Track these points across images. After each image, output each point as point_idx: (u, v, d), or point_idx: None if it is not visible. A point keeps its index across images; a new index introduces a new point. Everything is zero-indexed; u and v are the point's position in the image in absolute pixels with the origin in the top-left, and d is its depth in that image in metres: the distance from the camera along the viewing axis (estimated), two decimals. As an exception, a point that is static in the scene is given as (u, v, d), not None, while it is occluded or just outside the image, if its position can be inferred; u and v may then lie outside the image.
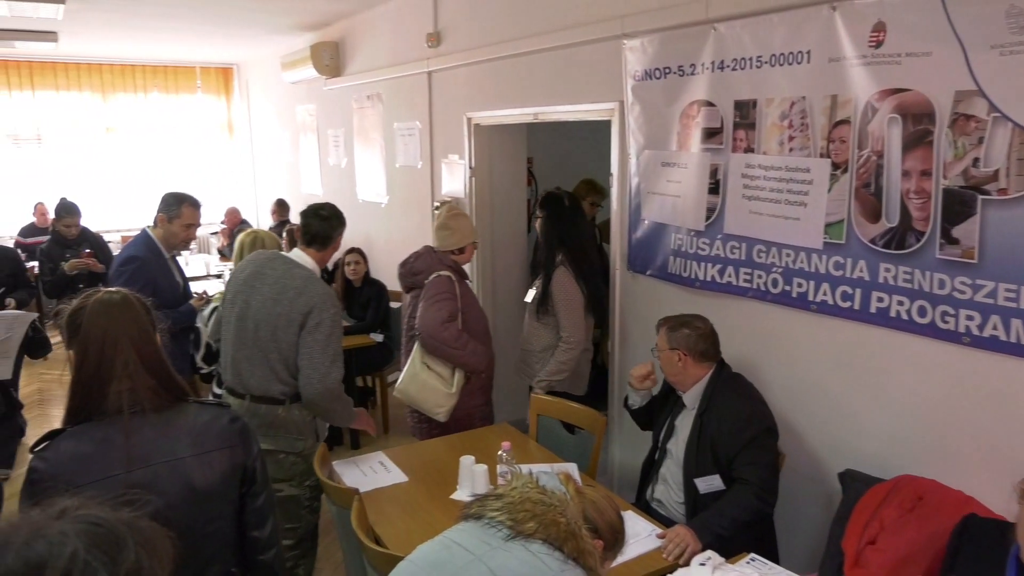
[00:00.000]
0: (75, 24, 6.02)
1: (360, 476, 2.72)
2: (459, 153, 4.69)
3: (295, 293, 2.63)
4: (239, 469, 1.68)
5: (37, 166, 8.64)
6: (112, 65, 8.88)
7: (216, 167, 9.68)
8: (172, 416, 1.62)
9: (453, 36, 4.65)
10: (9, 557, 0.68)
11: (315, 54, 6.30)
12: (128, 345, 1.58)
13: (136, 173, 9.16)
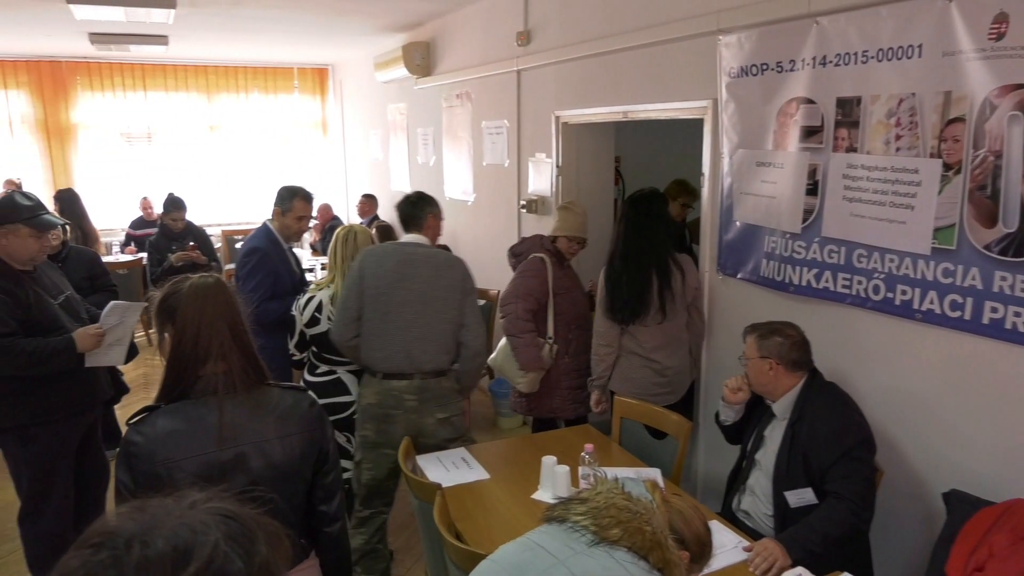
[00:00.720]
0: (183, 28, 6.34)
1: (442, 471, 2.75)
2: (546, 152, 4.68)
3: (447, 266, 3.00)
4: (315, 450, 1.77)
5: (147, 163, 9.16)
6: (216, 67, 9.32)
7: (310, 165, 10.01)
8: (259, 398, 1.70)
9: (543, 34, 4.64)
10: (159, 542, 0.70)
11: (406, 54, 6.42)
12: (223, 327, 1.66)
13: (236, 170, 9.59)
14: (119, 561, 0.68)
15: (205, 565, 0.69)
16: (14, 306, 2.77)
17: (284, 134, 9.86)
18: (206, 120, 9.40)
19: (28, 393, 2.84)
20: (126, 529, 0.71)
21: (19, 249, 2.84)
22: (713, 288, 3.44)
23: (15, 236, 2.81)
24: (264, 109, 9.70)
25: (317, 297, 3.18)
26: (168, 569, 0.68)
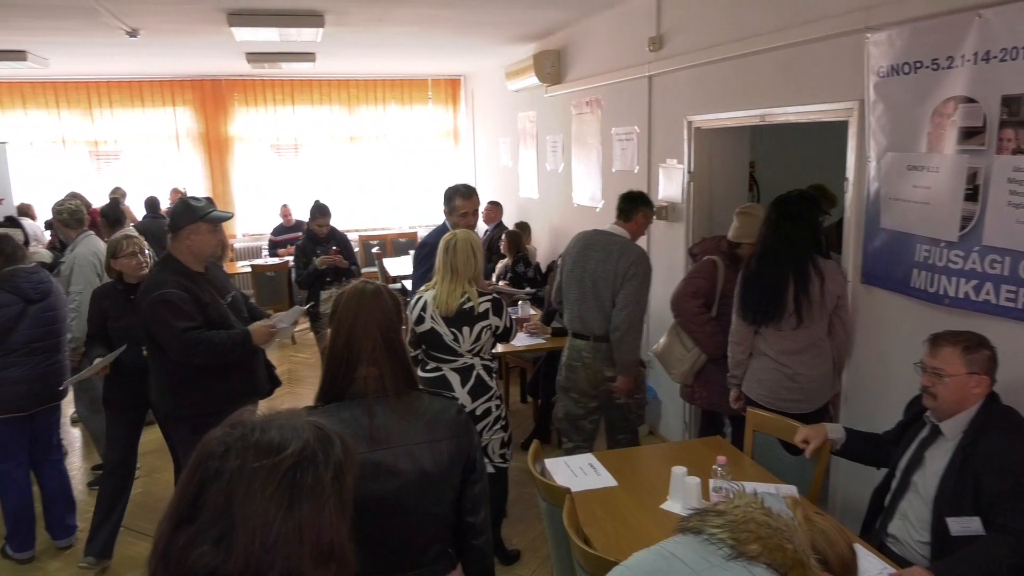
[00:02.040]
0: (329, 45, 6.74)
1: (570, 476, 2.77)
2: (677, 157, 4.61)
3: (618, 253, 3.58)
4: (463, 457, 1.78)
5: (294, 172, 9.79)
6: (357, 81, 9.83)
7: (441, 173, 10.35)
8: (409, 403, 1.75)
9: (676, 39, 4.58)
10: (272, 431, 0.98)
11: (537, 62, 6.51)
12: (376, 332, 1.72)
13: (374, 179, 10.07)
14: (245, 437, 0.97)
15: (296, 452, 0.96)
16: (194, 304, 3.05)
17: (418, 143, 10.25)
18: (347, 131, 9.93)
19: (201, 384, 3.11)
20: (251, 419, 1.01)
21: (201, 246, 3.14)
22: (856, 298, 3.26)
23: (196, 234, 3.11)
24: (400, 120, 10.13)
25: (423, 298, 3.29)
26: (273, 449, 0.95)
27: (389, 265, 8.01)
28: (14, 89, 8.78)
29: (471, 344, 3.25)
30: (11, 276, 3.55)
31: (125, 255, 3.56)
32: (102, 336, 3.60)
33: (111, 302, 3.61)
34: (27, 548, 3.82)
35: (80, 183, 8.42)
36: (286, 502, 0.92)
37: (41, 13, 4.97)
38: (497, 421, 3.38)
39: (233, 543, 0.89)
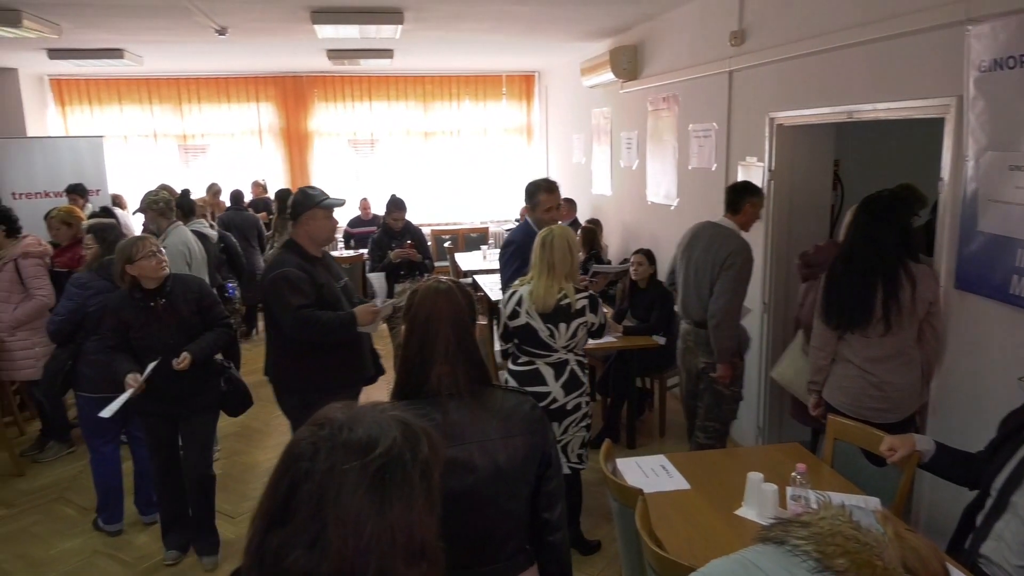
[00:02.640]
0: (407, 42, 6.84)
1: (642, 477, 2.73)
2: (758, 155, 4.49)
3: (719, 244, 3.73)
4: (538, 453, 1.77)
5: (370, 167, 9.99)
6: (432, 77, 9.95)
7: (514, 169, 10.38)
8: (483, 399, 1.75)
9: (758, 33, 4.46)
10: (359, 429, 0.98)
11: (613, 58, 6.45)
12: (448, 331, 1.73)
13: (447, 174, 10.18)
14: (333, 436, 0.96)
15: (385, 451, 0.95)
16: (310, 284, 3.20)
17: (491, 139, 10.31)
18: (422, 127, 10.07)
19: (311, 361, 3.25)
20: (338, 418, 0.99)
21: (318, 231, 3.31)
22: (949, 304, 3.11)
23: (313, 220, 3.28)
24: (474, 116, 10.20)
25: (519, 292, 3.31)
26: (362, 449, 0.95)
27: (460, 260, 8.09)
28: (111, 86, 9.24)
29: (567, 340, 3.27)
30: (108, 265, 3.74)
31: (144, 257, 3.29)
32: (126, 348, 3.37)
33: (131, 312, 3.35)
34: (115, 521, 4.02)
35: (169, 176, 8.80)
36: (378, 502, 0.93)
37: (139, 13, 5.21)
38: (584, 418, 3.39)
39: (327, 545, 0.90)
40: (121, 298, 3.39)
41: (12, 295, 4.54)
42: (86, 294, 3.73)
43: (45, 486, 4.58)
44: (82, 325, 3.74)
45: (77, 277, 3.89)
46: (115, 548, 3.86)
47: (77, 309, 3.73)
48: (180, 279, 3.52)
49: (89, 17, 5.34)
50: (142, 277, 3.32)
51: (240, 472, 4.67)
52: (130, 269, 3.29)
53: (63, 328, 3.76)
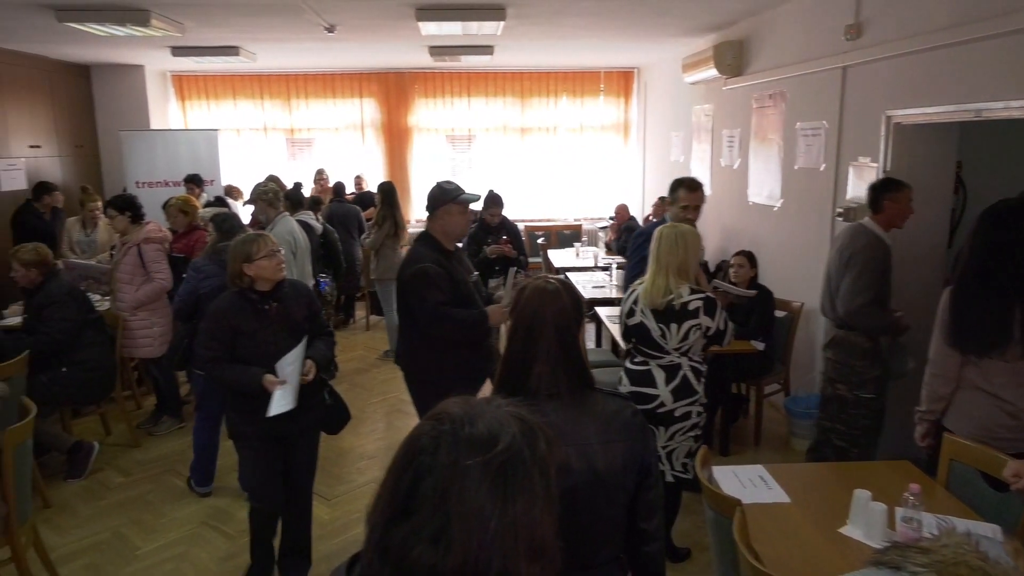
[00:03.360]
0: (508, 38, 6.87)
1: (738, 487, 2.65)
2: (871, 155, 4.27)
3: (846, 242, 3.71)
4: (637, 461, 1.73)
5: (466, 162, 10.12)
6: (531, 73, 9.97)
7: (610, 166, 10.28)
8: (582, 402, 1.73)
9: (877, 26, 4.23)
10: (479, 425, 0.96)
11: (718, 54, 6.28)
12: (552, 332, 1.71)
13: (542, 170, 10.18)
14: (455, 432, 0.95)
15: (506, 448, 0.94)
16: (447, 280, 3.24)
17: (587, 136, 10.25)
18: (519, 123, 10.11)
19: (452, 354, 3.28)
20: (457, 413, 0.98)
21: (453, 225, 3.33)
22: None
23: (448, 215, 3.30)
24: (570, 112, 10.17)
25: (637, 291, 3.28)
26: (484, 445, 0.94)
27: (553, 256, 8.08)
28: (227, 82, 9.72)
29: (678, 342, 3.19)
30: (221, 251, 3.96)
31: (264, 256, 3.03)
32: (230, 359, 3.05)
33: (243, 317, 3.03)
34: (206, 483, 4.35)
35: (276, 168, 9.19)
36: (500, 499, 0.92)
37: (256, 12, 5.45)
38: (693, 428, 3.28)
39: (451, 540, 0.90)
40: (231, 301, 3.06)
41: (135, 277, 4.86)
42: (199, 277, 4.02)
43: (158, 457, 4.87)
44: (197, 306, 3.99)
45: (194, 262, 4.20)
46: (219, 521, 4.07)
47: (192, 291, 4.03)
48: (291, 282, 3.28)
49: (210, 16, 5.63)
50: (259, 278, 3.06)
51: (336, 456, 4.83)
52: (247, 269, 3.03)
53: (182, 308, 4.10)
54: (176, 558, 3.71)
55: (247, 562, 3.60)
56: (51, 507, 4.20)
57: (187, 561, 3.69)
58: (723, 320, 3.23)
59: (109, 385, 4.77)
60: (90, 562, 3.69)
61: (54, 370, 4.42)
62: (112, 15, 5.18)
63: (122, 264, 4.93)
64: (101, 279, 5.67)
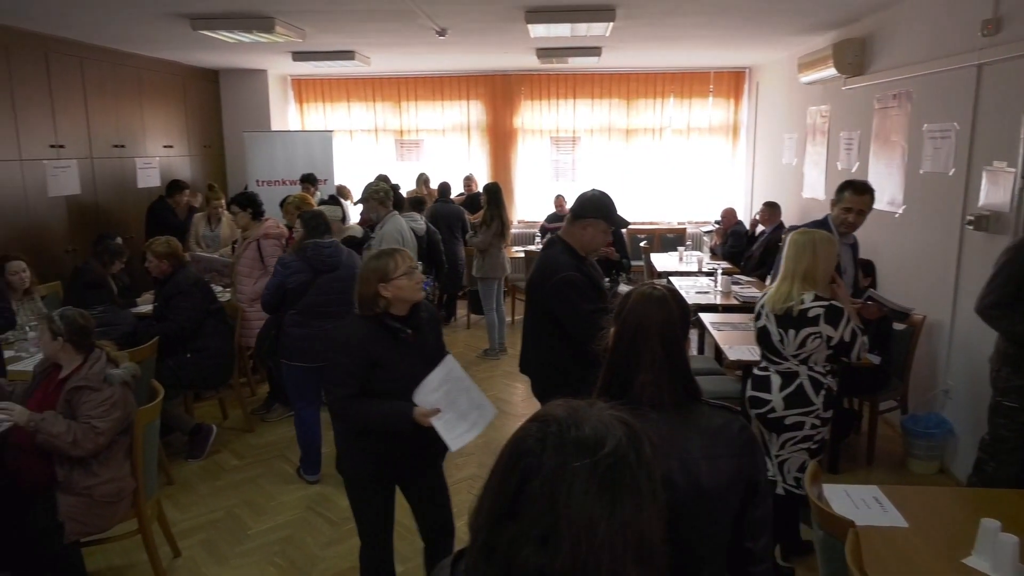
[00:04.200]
0: (616, 39, 6.81)
1: (851, 507, 2.52)
2: (1008, 160, 3.96)
3: (1005, 246, 3.37)
4: (744, 478, 1.65)
5: (571, 164, 10.11)
6: (637, 74, 9.84)
7: (716, 169, 10.02)
8: (687, 414, 1.66)
9: (1018, 21, 3.92)
10: (585, 428, 0.96)
11: (837, 52, 5.99)
12: (657, 340, 1.66)
13: (646, 172, 10.03)
14: (561, 434, 0.95)
15: (612, 451, 0.94)
16: (592, 287, 3.13)
17: (694, 138, 10.02)
18: (624, 124, 10.01)
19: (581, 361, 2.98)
20: (562, 415, 0.98)
21: (591, 240, 3.16)
22: None
23: (593, 227, 3.13)
24: (677, 114, 9.97)
25: (766, 294, 3.29)
26: (591, 447, 0.93)
27: (656, 260, 7.95)
28: (341, 85, 10.11)
29: (795, 349, 3.13)
30: (307, 248, 4.18)
31: (403, 274, 2.66)
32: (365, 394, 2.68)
33: (382, 347, 2.66)
34: (314, 472, 4.53)
35: (384, 169, 9.47)
36: (609, 502, 0.91)
37: (372, 17, 5.64)
38: (806, 440, 3.18)
39: (560, 543, 0.89)
40: (366, 329, 2.67)
41: (253, 271, 5.13)
42: (286, 272, 4.21)
43: (270, 443, 5.13)
44: (284, 300, 4.18)
45: (282, 258, 4.41)
46: (324, 507, 4.23)
47: (280, 285, 4.22)
48: (424, 304, 2.85)
49: (329, 22, 5.87)
50: (396, 300, 2.67)
51: (435, 451, 4.93)
52: (384, 290, 2.65)
53: (270, 301, 4.30)
54: (283, 541, 3.89)
55: (349, 549, 3.74)
56: (173, 484, 4.49)
57: (293, 544, 3.85)
58: (849, 331, 3.09)
59: (228, 372, 5.06)
60: (206, 538, 3.92)
61: (180, 356, 4.72)
62: (240, 23, 5.49)
63: (242, 258, 5.22)
64: (223, 272, 6.03)
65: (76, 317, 3.17)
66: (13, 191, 5.83)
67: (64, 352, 3.15)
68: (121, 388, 3.14)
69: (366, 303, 2.70)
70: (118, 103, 7.21)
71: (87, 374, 3.11)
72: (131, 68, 7.42)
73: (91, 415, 3.02)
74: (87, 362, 3.16)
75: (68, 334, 3.12)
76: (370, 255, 2.88)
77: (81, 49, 6.62)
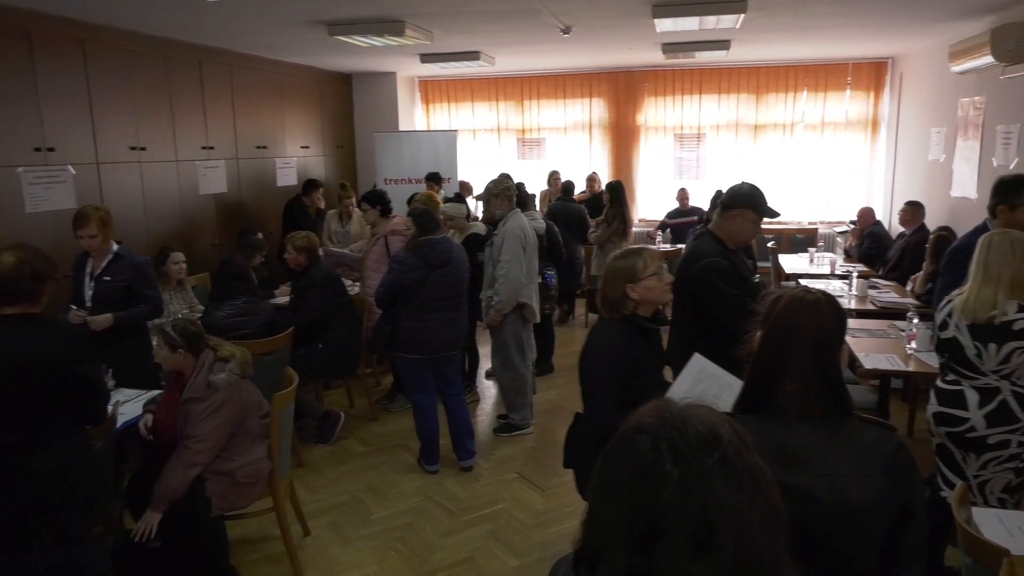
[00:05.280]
0: (747, 32, 6.56)
1: (1004, 534, 2.31)
2: None
3: None
4: (899, 501, 1.53)
5: (694, 162, 9.86)
6: (768, 68, 9.45)
7: (852, 166, 9.46)
8: (837, 428, 1.56)
9: None
10: (699, 424, 0.94)
11: (995, 38, 5.49)
12: (807, 346, 1.56)
13: (776, 170, 9.61)
14: (680, 437, 0.92)
15: (730, 440, 0.93)
16: (736, 276, 3.11)
17: (828, 134, 9.52)
18: (753, 120, 9.64)
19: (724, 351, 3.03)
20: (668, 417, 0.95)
21: (740, 232, 3.16)
22: None
23: (742, 219, 3.13)
24: (810, 109, 9.50)
25: (953, 302, 2.98)
26: (713, 442, 0.92)
27: (784, 261, 7.62)
28: (466, 85, 10.32)
29: (997, 364, 2.83)
30: (420, 245, 4.28)
31: (652, 274, 2.53)
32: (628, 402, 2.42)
33: (641, 351, 2.55)
34: (434, 462, 4.66)
35: (506, 168, 9.58)
36: (750, 490, 0.90)
37: (498, 17, 5.72)
38: (1012, 459, 2.90)
39: (721, 544, 0.86)
40: (622, 333, 2.55)
41: (380, 266, 5.32)
42: (403, 270, 4.32)
43: (392, 432, 5.31)
44: (399, 296, 4.30)
45: (396, 255, 4.52)
46: (443, 497, 4.34)
47: (395, 282, 4.33)
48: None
49: (457, 24, 6.01)
50: (643, 302, 2.55)
51: (550, 447, 4.94)
52: (632, 291, 2.52)
53: (385, 297, 4.40)
54: (403, 527, 4.02)
55: (466, 539, 3.83)
56: (303, 467, 4.74)
57: (413, 531, 3.98)
58: None
59: (355, 362, 5.29)
60: (333, 520, 4.11)
61: (312, 346, 4.98)
62: (373, 27, 5.71)
63: (371, 253, 5.44)
64: (353, 266, 6.31)
65: (187, 326, 3.31)
66: (170, 189, 6.35)
67: (185, 360, 3.27)
68: (226, 391, 3.23)
69: (611, 305, 2.59)
70: (261, 107, 7.69)
71: (193, 384, 3.21)
72: (273, 74, 7.89)
73: (189, 434, 3.14)
74: (195, 369, 3.26)
75: (185, 343, 3.25)
76: (616, 254, 2.67)
77: (230, 57, 7.10)
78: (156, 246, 5.60)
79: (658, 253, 2.65)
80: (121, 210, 5.82)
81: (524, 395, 5.18)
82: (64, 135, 5.23)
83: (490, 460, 4.82)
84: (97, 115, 5.50)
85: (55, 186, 5.10)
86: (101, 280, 4.09)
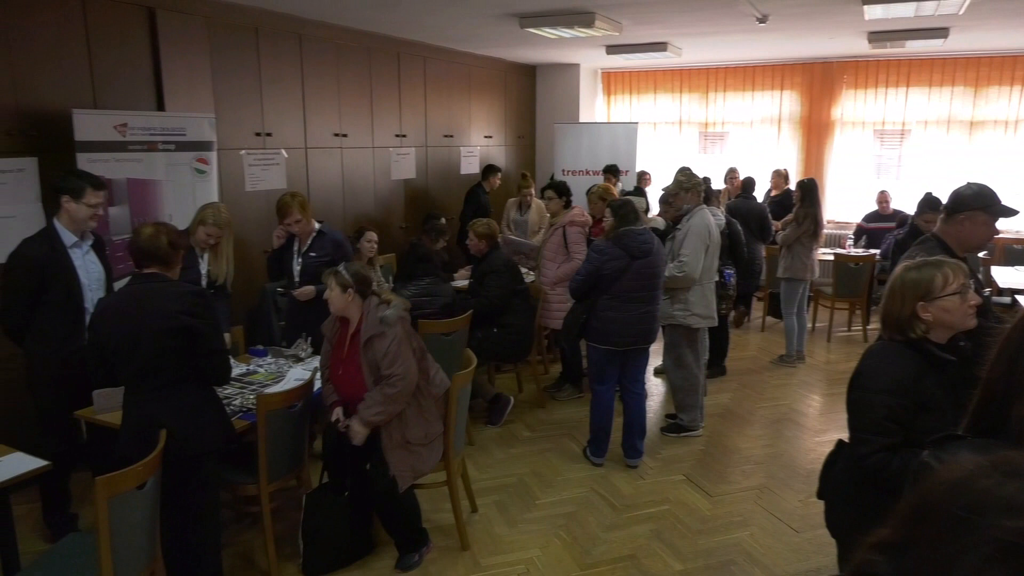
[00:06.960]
0: (970, 18, 5.92)
1: None
2: None
3: None
4: None
5: (897, 160, 9.07)
6: (991, 58, 8.48)
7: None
8: None
9: None
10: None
11: None
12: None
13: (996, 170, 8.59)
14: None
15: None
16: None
17: (1063, 132, 8.38)
18: (969, 116, 8.70)
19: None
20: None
21: (972, 236, 2.91)
22: None
23: (971, 222, 2.88)
24: (1042, 103, 8.41)
25: None
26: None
27: (998, 274, 6.83)
28: (649, 77, 10.15)
29: None
30: (622, 235, 4.25)
31: (954, 292, 2.13)
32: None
33: (931, 383, 2.12)
34: (600, 455, 4.65)
35: (687, 161, 9.32)
36: None
37: (691, 7, 5.57)
38: None
39: None
40: (911, 360, 2.16)
41: (557, 255, 5.40)
42: (602, 259, 4.31)
43: (558, 420, 5.38)
44: (596, 285, 4.29)
45: (596, 244, 4.52)
46: (607, 491, 4.33)
47: (593, 271, 4.33)
48: None
49: (648, 15, 5.92)
50: (937, 325, 2.16)
51: (720, 453, 4.79)
52: (924, 311, 2.15)
53: (581, 287, 4.41)
54: (566, 516, 4.05)
55: (629, 536, 3.80)
56: (473, 446, 4.92)
57: (575, 521, 4.00)
58: None
59: (527, 348, 5.40)
60: (499, 500, 4.24)
61: (487, 329, 5.14)
62: (563, 19, 5.76)
63: (548, 243, 5.52)
64: (530, 255, 6.43)
65: (359, 268, 3.50)
66: (366, 174, 6.80)
67: (353, 304, 3.44)
68: (399, 325, 3.36)
69: (896, 325, 2.21)
70: (450, 97, 8.03)
71: (369, 323, 3.38)
72: (463, 65, 8.20)
73: (387, 369, 3.29)
74: (364, 311, 3.43)
75: (356, 285, 3.42)
76: (909, 264, 2.28)
77: (425, 50, 7.46)
78: (353, 226, 6.03)
79: (964, 268, 2.21)
80: (323, 192, 6.32)
81: (695, 396, 5.05)
82: (280, 121, 5.75)
83: (656, 459, 4.74)
84: (308, 103, 6.00)
85: (270, 168, 5.63)
86: (307, 256, 4.47)
